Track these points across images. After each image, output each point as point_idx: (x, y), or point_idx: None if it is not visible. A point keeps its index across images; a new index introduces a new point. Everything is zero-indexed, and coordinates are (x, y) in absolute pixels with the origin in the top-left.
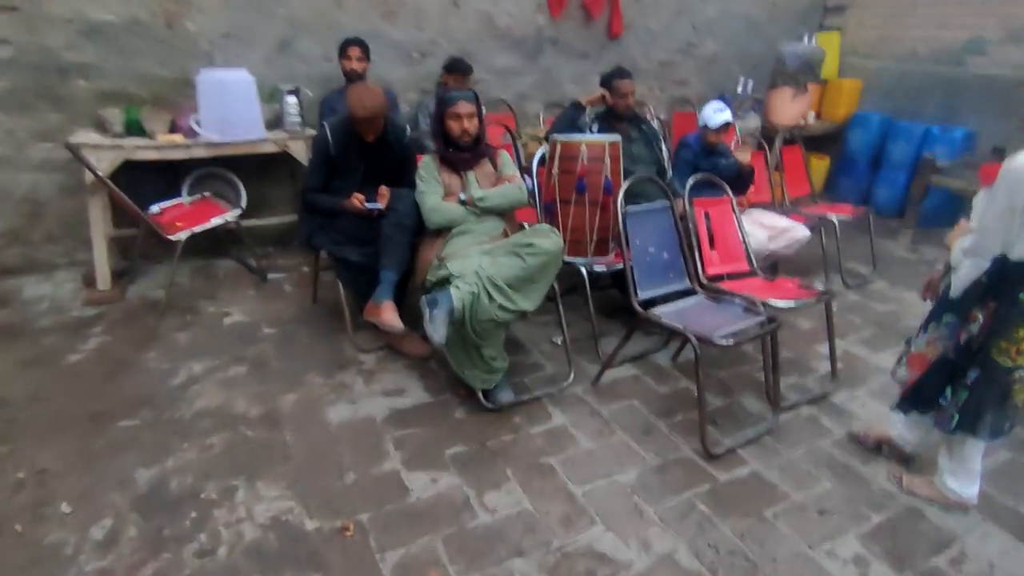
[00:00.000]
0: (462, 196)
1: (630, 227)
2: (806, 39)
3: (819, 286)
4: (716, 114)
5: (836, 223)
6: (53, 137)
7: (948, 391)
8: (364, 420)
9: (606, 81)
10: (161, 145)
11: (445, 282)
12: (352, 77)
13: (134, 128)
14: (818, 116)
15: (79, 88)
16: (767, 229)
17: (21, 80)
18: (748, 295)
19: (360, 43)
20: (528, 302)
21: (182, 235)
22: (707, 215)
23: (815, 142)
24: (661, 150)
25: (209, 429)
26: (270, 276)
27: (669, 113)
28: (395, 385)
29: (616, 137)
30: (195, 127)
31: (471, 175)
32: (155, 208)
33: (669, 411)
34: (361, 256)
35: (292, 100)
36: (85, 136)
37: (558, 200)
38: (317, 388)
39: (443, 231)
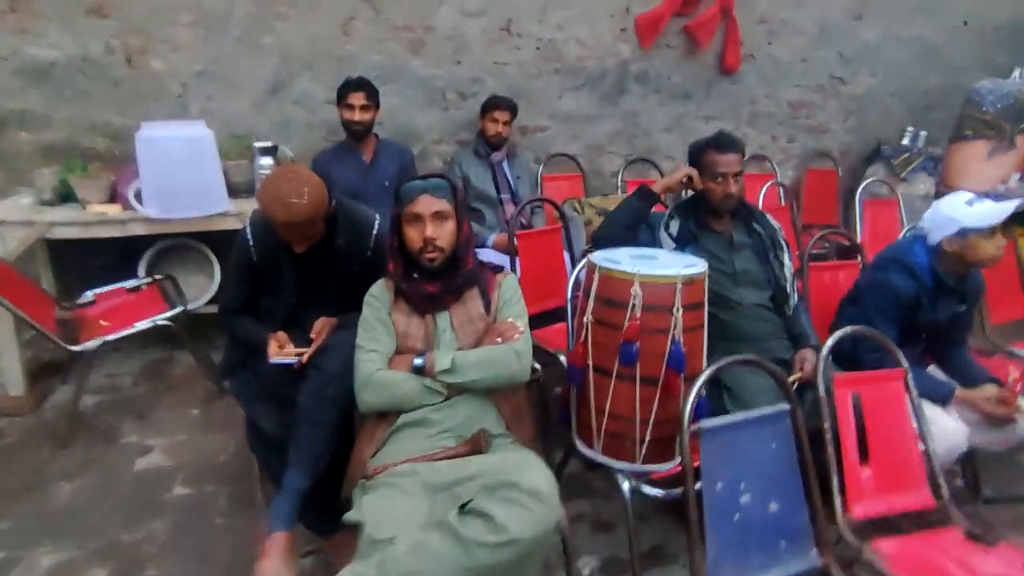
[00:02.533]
0: (417, 361)
1: (707, 453)
2: (1017, 73)
3: None
4: (981, 204)
5: None
6: None
7: None
8: None
9: (696, 155)
10: (87, 221)
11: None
12: (355, 131)
13: (72, 194)
14: None
15: (19, 141)
16: (968, 411)
17: None
18: None
19: (364, 85)
20: None
21: (89, 345)
22: (857, 400)
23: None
24: (782, 263)
25: None
26: (228, 385)
27: (800, 169)
28: None
29: (699, 268)
30: (131, 199)
31: (444, 319)
32: (89, 295)
33: None
34: (277, 425)
35: (266, 161)
36: (12, 203)
37: (591, 366)
38: None
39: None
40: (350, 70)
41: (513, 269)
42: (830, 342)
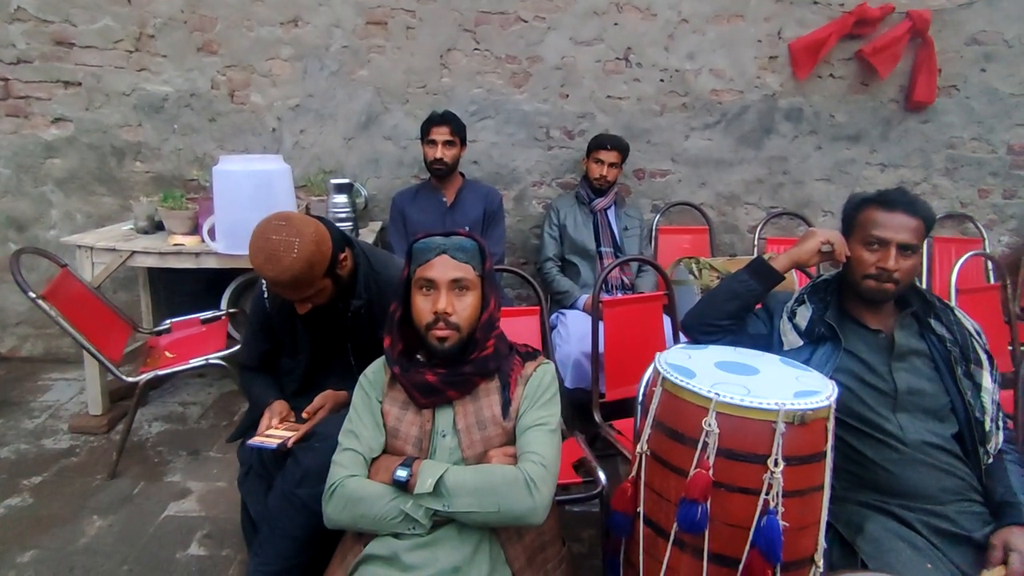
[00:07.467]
0: (400, 474)
1: None
2: None
3: None
4: None
5: None
6: (109, 222)
7: None
8: None
9: (851, 213)
10: (164, 251)
11: None
12: (436, 169)
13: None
14: None
15: (134, 171)
16: None
17: (80, 160)
18: None
19: (448, 120)
20: None
21: (142, 378)
22: None
23: None
24: (978, 384)
25: None
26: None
27: (1019, 236)
28: None
29: (820, 399)
30: (204, 233)
31: (445, 418)
32: (167, 323)
33: None
34: (262, 512)
35: (341, 199)
36: (111, 230)
37: (642, 516)
38: None
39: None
40: (445, 104)
41: (595, 339)
42: None
